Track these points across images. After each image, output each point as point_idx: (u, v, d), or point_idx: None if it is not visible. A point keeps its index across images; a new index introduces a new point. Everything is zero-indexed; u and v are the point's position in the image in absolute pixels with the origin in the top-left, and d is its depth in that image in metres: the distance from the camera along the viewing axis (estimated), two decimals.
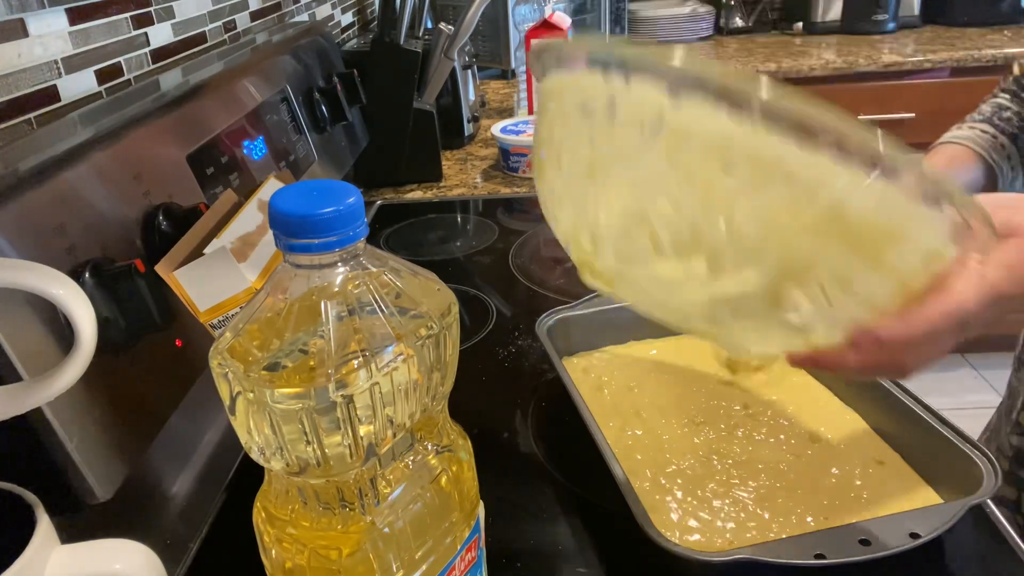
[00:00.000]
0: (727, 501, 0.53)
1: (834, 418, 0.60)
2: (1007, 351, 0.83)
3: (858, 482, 0.54)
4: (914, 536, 0.44)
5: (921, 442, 0.54)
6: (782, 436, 0.59)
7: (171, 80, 0.71)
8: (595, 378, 0.67)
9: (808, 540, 0.45)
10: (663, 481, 0.55)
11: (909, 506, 0.51)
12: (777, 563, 0.43)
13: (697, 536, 0.50)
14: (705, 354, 0.69)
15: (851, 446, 0.57)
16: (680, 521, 0.52)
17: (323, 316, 0.32)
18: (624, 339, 0.71)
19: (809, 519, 0.51)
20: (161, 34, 0.80)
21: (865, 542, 0.44)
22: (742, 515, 0.52)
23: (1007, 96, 0.75)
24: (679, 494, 0.54)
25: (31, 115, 0.60)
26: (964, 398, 2.13)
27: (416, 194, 1.21)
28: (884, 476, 0.54)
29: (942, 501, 0.51)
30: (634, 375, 0.67)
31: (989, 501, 0.53)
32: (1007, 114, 0.73)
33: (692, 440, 0.59)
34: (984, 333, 0.37)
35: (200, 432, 0.63)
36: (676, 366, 0.68)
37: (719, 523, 0.51)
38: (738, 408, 0.62)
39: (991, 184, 0.72)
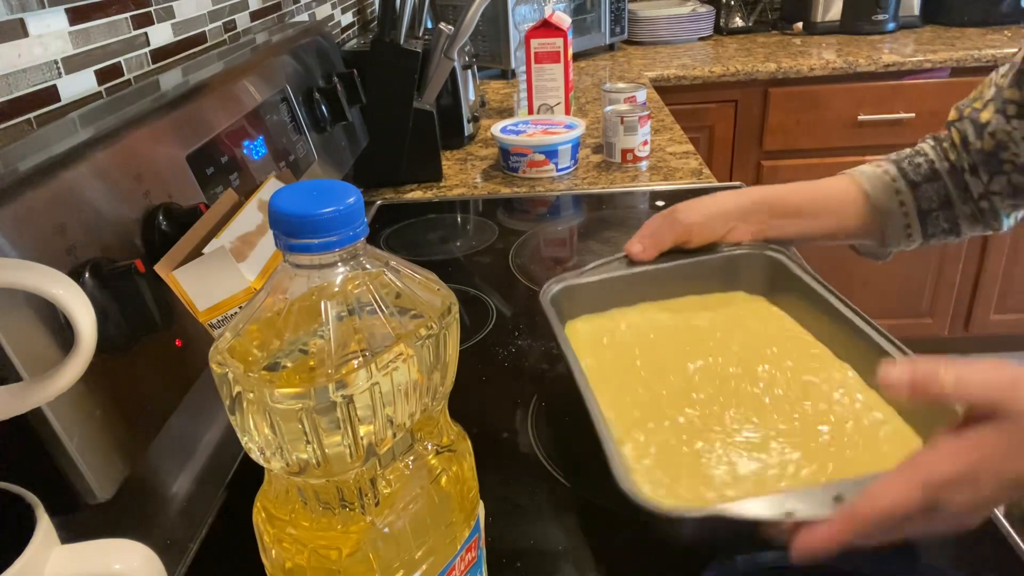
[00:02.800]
0: (721, 464, 0.51)
1: (834, 379, 0.59)
2: (1007, 351, 0.83)
3: (857, 437, 0.52)
4: None
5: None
6: (779, 391, 0.58)
7: (171, 80, 0.71)
8: (597, 339, 0.66)
9: (780, 498, 0.43)
10: (652, 440, 0.54)
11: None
12: (745, 518, 0.42)
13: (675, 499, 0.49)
14: (714, 319, 0.68)
15: (850, 407, 0.56)
16: (662, 481, 0.50)
17: (323, 316, 0.32)
18: (640, 302, 0.70)
19: (805, 472, 0.50)
20: (161, 34, 0.80)
21: (839, 499, 0.43)
22: (730, 477, 0.50)
23: (931, 143, 0.72)
24: (667, 453, 0.52)
25: (31, 115, 0.60)
26: None
27: (416, 194, 1.21)
28: (883, 434, 0.53)
29: None
30: (638, 337, 0.66)
31: None
32: (919, 160, 0.70)
33: (690, 397, 0.58)
34: None
35: (200, 432, 0.63)
36: (682, 328, 0.67)
37: (702, 486, 0.50)
38: (737, 370, 0.61)
39: (876, 227, 0.70)
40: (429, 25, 1.45)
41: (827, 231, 0.71)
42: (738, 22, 2.31)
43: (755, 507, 0.43)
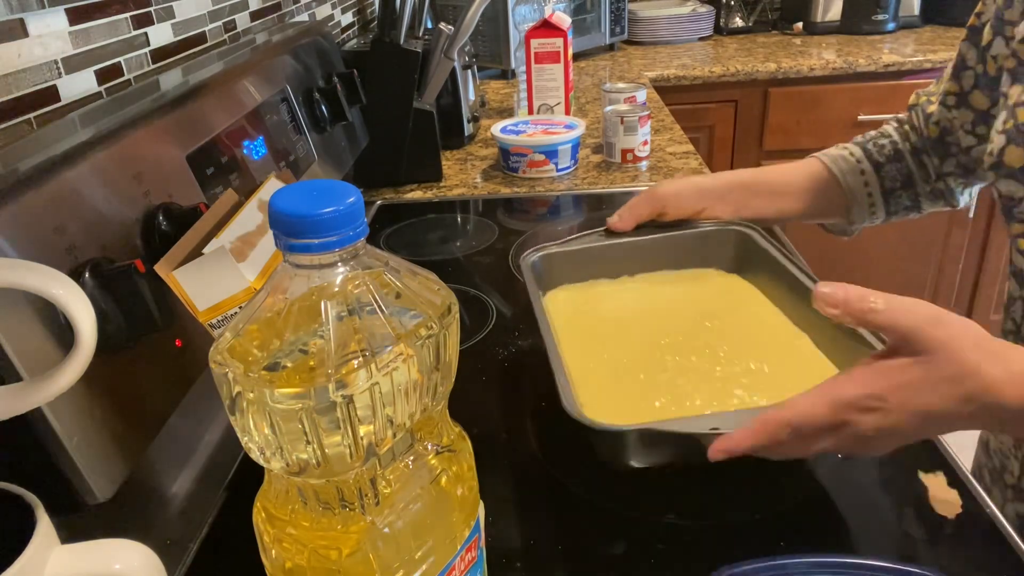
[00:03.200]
0: (672, 411, 0.55)
1: (788, 347, 0.62)
2: None
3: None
4: None
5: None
6: (738, 362, 0.61)
7: (171, 80, 0.71)
8: (572, 304, 0.71)
9: (706, 417, 0.48)
10: (610, 391, 0.58)
11: None
12: (673, 432, 0.47)
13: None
14: (687, 291, 0.73)
15: (798, 370, 0.59)
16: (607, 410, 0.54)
17: (323, 316, 0.32)
18: (617, 274, 0.75)
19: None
20: (161, 34, 0.80)
21: None
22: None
23: (895, 124, 0.77)
24: (622, 402, 0.57)
25: (31, 115, 0.60)
26: None
27: (416, 194, 1.21)
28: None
29: None
30: (613, 304, 0.71)
31: (986, 497, 0.53)
32: (883, 142, 0.75)
33: (647, 361, 0.62)
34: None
35: (200, 432, 0.63)
36: (651, 298, 0.71)
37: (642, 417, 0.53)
38: (698, 338, 0.64)
39: (843, 206, 0.75)
40: (429, 25, 1.45)
41: (800, 211, 0.75)
42: (738, 22, 2.31)
43: (685, 424, 0.48)
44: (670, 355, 0.62)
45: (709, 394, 0.57)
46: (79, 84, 0.66)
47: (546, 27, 1.42)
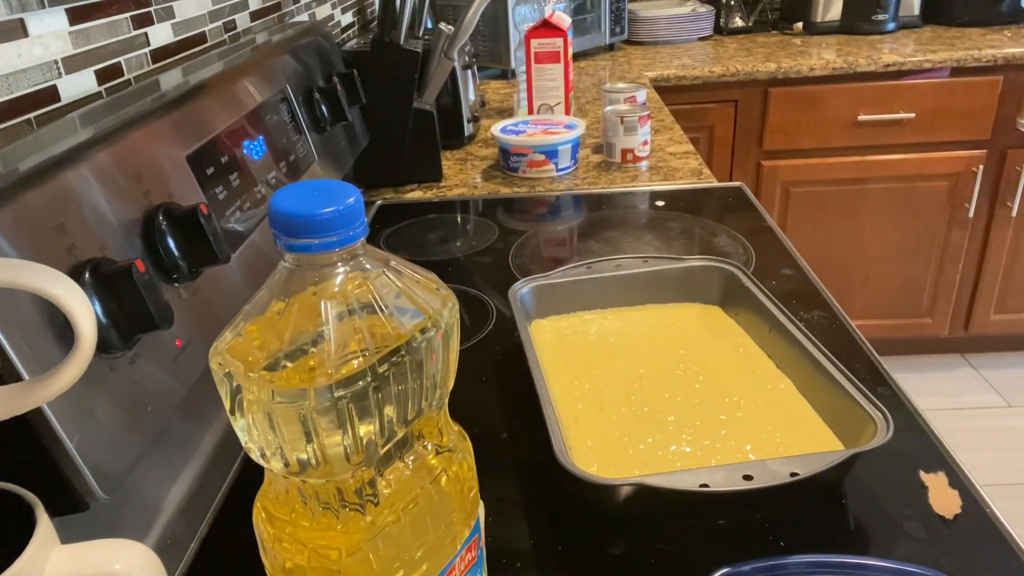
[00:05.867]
0: (658, 451, 0.57)
1: (768, 384, 0.64)
2: (1007, 351, 0.83)
3: (778, 439, 0.58)
4: (794, 475, 0.49)
5: (835, 403, 0.58)
6: (719, 397, 0.63)
7: (171, 80, 0.71)
8: (558, 336, 0.73)
9: (698, 473, 0.50)
10: (596, 426, 0.60)
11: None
12: (664, 488, 0.49)
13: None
14: (670, 325, 0.74)
15: (777, 407, 0.61)
16: (602, 461, 0.57)
17: (323, 316, 0.32)
18: (602, 306, 0.77)
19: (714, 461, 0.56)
20: (161, 34, 0.80)
21: (748, 477, 0.49)
22: (664, 462, 0.56)
23: None
24: (608, 438, 0.58)
25: (31, 115, 0.60)
26: (964, 398, 2.13)
27: (416, 194, 1.21)
28: (801, 433, 0.59)
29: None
30: (598, 337, 0.72)
31: (987, 499, 0.53)
32: None
33: (631, 394, 0.64)
34: None
35: (200, 432, 0.63)
36: (634, 332, 0.73)
37: (637, 471, 0.55)
38: (680, 373, 0.67)
39: None
40: (429, 25, 1.45)
41: None
42: (738, 22, 2.31)
43: (675, 479, 0.50)
44: (650, 386, 0.65)
45: (694, 433, 0.59)
46: (79, 84, 0.66)
47: (546, 27, 1.42)
